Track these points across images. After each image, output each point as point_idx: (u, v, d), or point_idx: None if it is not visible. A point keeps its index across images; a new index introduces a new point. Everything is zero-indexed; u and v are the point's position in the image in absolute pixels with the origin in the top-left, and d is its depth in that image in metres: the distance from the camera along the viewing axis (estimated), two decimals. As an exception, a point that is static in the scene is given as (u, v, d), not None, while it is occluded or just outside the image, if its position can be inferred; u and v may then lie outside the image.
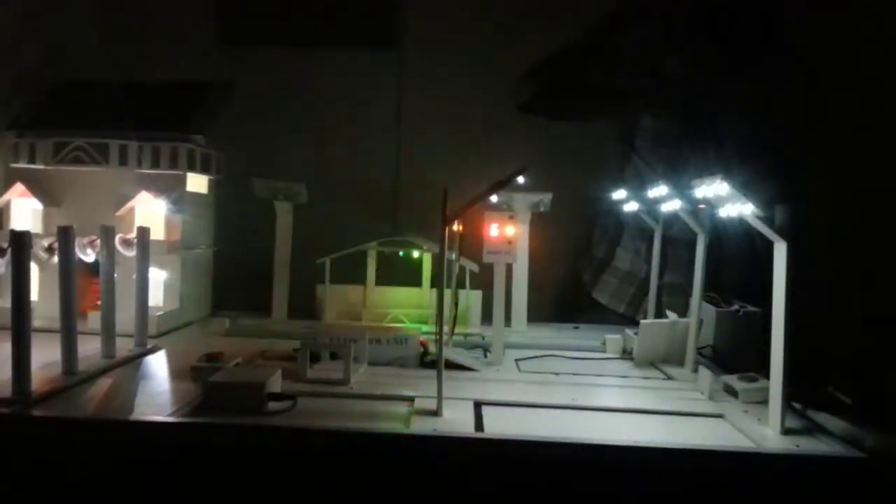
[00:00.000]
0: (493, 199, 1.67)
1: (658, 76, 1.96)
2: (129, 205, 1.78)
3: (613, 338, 1.73)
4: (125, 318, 1.51)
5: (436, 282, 1.77)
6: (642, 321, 1.65)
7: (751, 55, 1.94)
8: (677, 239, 1.93)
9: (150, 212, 1.80)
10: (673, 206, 1.48)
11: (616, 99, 2.02)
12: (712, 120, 1.98)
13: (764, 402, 1.21)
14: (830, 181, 1.87)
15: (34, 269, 1.67)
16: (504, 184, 1.31)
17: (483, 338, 1.77)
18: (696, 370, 1.47)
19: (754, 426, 1.17)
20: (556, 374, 1.50)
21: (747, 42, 1.95)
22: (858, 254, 1.87)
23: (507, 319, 1.74)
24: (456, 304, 1.69)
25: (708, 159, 1.96)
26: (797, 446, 1.08)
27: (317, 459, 1.06)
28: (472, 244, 1.65)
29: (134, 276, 1.53)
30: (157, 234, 1.74)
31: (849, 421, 1.12)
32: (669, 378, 1.50)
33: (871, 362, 1.40)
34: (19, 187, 1.79)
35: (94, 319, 1.55)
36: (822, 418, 1.17)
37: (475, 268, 1.83)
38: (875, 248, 1.86)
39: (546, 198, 1.87)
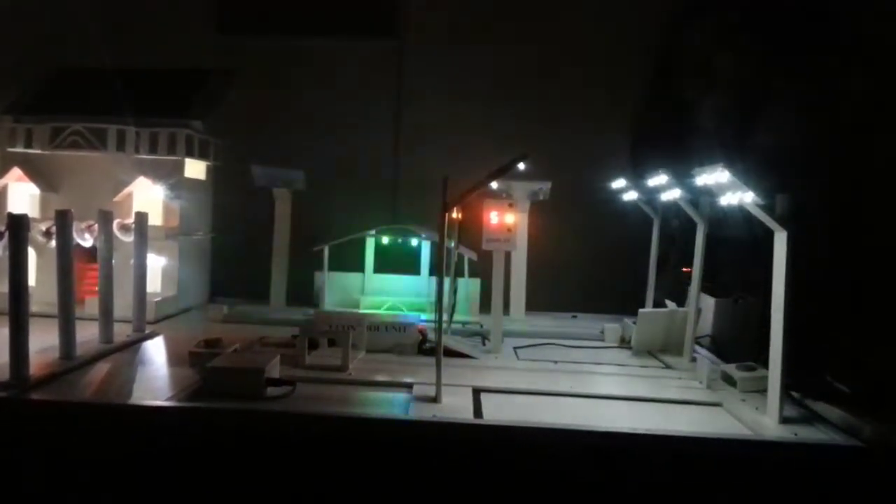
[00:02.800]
0: (494, 186, 1.67)
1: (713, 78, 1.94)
2: (126, 190, 1.77)
3: (612, 326, 1.73)
4: (123, 303, 1.51)
5: (435, 270, 1.77)
6: (641, 310, 1.65)
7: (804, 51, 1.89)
8: (729, 238, 1.87)
9: (148, 197, 1.79)
10: (672, 194, 1.48)
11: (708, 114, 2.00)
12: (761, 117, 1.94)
13: (762, 391, 1.21)
14: (835, 173, 1.86)
15: (31, 254, 1.66)
16: (504, 170, 1.30)
17: (482, 326, 1.77)
18: (694, 359, 1.47)
19: (752, 415, 1.17)
20: (555, 362, 1.50)
21: (800, 37, 1.90)
22: (859, 244, 1.86)
23: (506, 307, 1.74)
24: (455, 292, 1.69)
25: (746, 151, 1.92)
26: (795, 435, 1.08)
27: (315, 445, 1.06)
28: (471, 233, 1.64)
29: (132, 262, 1.53)
30: (155, 219, 1.74)
31: (847, 410, 1.12)
32: (668, 367, 1.50)
33: (869, 352, 1.40)
34: (16, 172, 1.78)
35: (91, 305, 1.54)
36: (821, 407, 1.18)
37: (474, 256, 1.82)
38: (876, 239, 1.86)
39: (546, 186, 1.86)
